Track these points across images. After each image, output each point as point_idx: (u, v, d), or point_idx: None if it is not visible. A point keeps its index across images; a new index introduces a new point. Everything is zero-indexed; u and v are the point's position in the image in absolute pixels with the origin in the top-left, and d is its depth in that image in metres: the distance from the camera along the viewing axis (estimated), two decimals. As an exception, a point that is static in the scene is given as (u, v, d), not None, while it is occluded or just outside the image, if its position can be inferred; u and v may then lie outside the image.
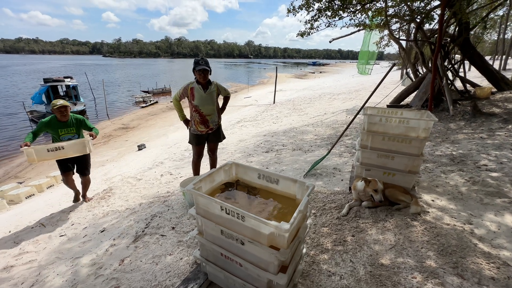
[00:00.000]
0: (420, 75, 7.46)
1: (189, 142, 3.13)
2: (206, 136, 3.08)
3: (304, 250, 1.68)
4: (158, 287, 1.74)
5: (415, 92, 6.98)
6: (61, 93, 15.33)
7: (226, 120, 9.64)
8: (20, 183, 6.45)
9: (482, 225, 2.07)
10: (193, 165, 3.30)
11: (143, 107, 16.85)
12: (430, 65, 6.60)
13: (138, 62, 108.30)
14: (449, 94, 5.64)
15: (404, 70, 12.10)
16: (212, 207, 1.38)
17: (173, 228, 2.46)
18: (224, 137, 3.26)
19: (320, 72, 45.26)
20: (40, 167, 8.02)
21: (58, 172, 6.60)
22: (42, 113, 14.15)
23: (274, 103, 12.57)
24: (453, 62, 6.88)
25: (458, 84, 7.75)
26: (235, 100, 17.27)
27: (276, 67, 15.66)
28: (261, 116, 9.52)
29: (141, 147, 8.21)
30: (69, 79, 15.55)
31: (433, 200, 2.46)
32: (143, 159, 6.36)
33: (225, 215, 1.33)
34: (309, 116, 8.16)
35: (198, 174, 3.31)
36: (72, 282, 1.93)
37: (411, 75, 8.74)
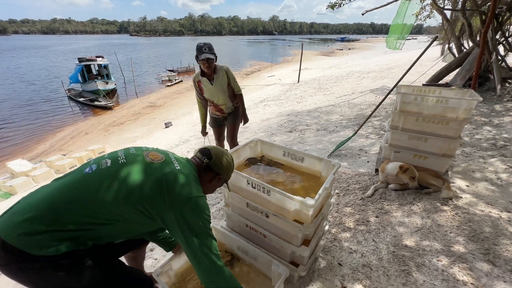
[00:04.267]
0: (465, 50, 6.68)
1: (209, 125, 3.08)
2: (223, 118, 3.01)
3: (327, 227, 1.71)
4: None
5: (457, 70, 6.32)
6: (94, 72, 16.16)
7: (249, 100, 9.59)
8: (64, 155, 7.15)
9: (522, 214, 1.93)
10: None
11: (168, 85, 17.28)
12: (478, 38, 5.87)
13: (163, 41, 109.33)
14: (497, 71, 5.03)
15: (446, 45, 10.85)
16: (239, 181, 1.44)
17: (200, 200, 2.61)
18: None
19: (349, 49, 42.36)
20: (79, 141, 8.77)
21: (96, 146, 7.19)
22: (78, 91, 15.13)
23: (298, 82, 12.16)
24: (507, 35, 6.03)
25: (511, 60, 6.85)
26: (258, 79, 16.99)
27: (302, 44, 14.88)
28: (284, 95, 9.32)
29: (168, 125, 8.57)
30: (100, 58, 16.29)
31: (467, 186, 2.33)
32: (171, 135, 6.66)
33: (251, 189, 1.38)
34: (335, 95, 7.82)
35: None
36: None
37: (454, 51, 7.86)
